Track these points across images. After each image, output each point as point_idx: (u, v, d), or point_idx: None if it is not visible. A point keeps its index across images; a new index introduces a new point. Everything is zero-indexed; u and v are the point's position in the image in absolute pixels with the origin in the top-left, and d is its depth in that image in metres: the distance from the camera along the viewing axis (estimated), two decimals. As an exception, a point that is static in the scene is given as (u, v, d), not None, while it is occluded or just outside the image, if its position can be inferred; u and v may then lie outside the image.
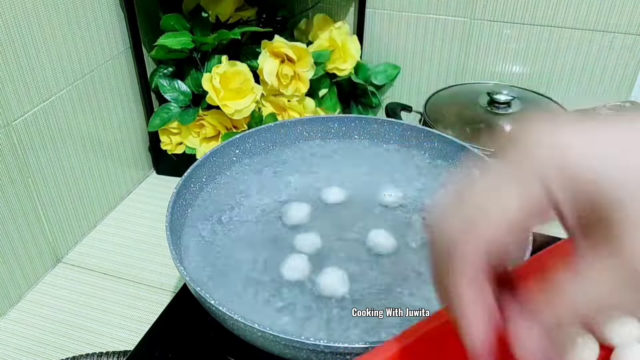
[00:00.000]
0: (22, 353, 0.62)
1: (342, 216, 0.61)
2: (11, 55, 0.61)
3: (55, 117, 0.69)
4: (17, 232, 0.66)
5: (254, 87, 0.78)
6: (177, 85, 0.81)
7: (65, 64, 0.69)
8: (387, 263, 0.56)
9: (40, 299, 0.68)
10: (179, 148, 0.84)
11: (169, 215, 0.55)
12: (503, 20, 0.85)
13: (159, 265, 0.72)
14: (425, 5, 0.87)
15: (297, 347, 0.44)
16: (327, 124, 0.71)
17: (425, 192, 0.64)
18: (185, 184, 0.60)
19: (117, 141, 0.81)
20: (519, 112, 0.77)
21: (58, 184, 0.71)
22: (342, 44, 0.85)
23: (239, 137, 0.67)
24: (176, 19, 0.78)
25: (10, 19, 0.60)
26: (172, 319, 0.61)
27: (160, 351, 0.57)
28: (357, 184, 0.65)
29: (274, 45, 0.79)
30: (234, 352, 0.55)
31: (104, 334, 0.64)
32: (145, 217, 0.81)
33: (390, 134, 0.70)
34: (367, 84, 0.89)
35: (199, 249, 0.58)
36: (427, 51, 0.90)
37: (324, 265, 0.55)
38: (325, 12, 0.89)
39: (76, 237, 0.76)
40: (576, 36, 0.83)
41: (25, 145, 0.65)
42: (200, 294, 0.47)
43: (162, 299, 0.68)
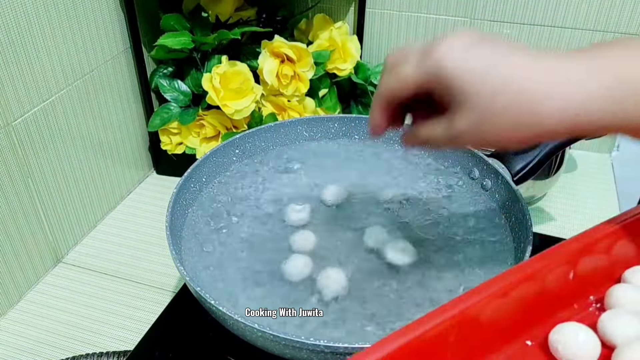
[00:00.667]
0: (22, 353, 0.62)
1: (342, 216, 0.61)
2: (11, 55, 0.61)
3: (55, 117, 0.69)
4: (17, 232, 0.66)
5: (254, 87, 0.78)
6: (177, 85, 0.81)
7: (65, 64, 0.69)
8: (386, 262, 0.56)
9: (41, 299, 0.68)
10: (179, 148, 0.84)
11: (169, 215, 0.55)
12: (503, 20, 0.85)
13: (159, 265, 0.72)
14: (425, 5, 0.87)
15: (297, 347, 0.44)
16: (327, 124, 0.71)
17: (425, 192, 0.64)
18: (185, 184, 0.60)
19: (117, 141, 0.81)
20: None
21: (58, 184, 0.71)
22: (342, 44, 0.85)
23: (239, 137, 0.67)
24: (176, 19, 0.78)
25: (10, 19, 0.60)
26: (172, 319, 0.61)
27: (160, 351, 0.57)
28: (356, 185, 0.65)
29: (274, 45, 0.79)
30: (234, 352, 0.55)
31: (104, 334, 0.64)
32: (145, 217, 0.81)
33: (390, 134, 0.70)
34: (367, 84, 0.89)
35: (199, 249, 0.58)
36: (427, 51, 0.90)
37: (324, 265, 0.55)
38: (325, 12, 0.89)
39: (76, 237, 0.76)
40: (576, 36, 0.83)
41: (25, 145, 0.65)
42: (200, 294, 0.47)
43: (162, 299, 0.68)
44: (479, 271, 0.55)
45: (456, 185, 0.65)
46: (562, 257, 0.39)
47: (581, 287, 0.40)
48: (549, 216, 0.79)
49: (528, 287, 0.38)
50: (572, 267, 0.40)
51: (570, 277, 0.40)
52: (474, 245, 0.57)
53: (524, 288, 0.38)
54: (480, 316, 0.36)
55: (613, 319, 0.38)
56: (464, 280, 0.54)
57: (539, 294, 0.38)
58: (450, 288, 0.53)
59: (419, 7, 0.87)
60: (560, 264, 0.39)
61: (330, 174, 0.67)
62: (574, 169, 0.88)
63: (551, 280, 0.39)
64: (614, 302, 0.40)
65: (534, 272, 0.38)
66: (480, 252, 0.57)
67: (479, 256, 0.56)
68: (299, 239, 0.58)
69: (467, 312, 0.35)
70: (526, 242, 0.52)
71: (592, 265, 0.40)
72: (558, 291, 0.39)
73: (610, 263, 0.41)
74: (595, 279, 0.41)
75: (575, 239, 0.40)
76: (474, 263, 0.56)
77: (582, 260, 0.40)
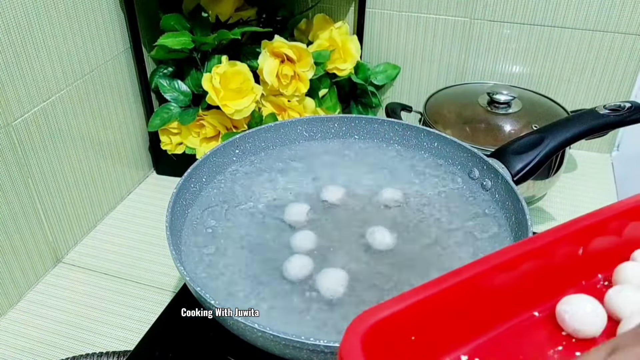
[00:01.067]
0: (22, 353, 0.62)
1: (342, 216, 0.61)
2: (11, 55, 0.61)
3: (55, 117, 0.69)
4: (17, 232, 0.66)
5: (254, 87, 0.78)
6: (177, 85, 0.81)
7: (65, 64, 0.69)
8: (386, 262, 0.56)
9: (40, 299, 0.68)
10: (179, 148, 0.84)
11: (169, 215, 0.55)
12: (503, 20, 0.85)
13: (159, 265, 0.72)
14: (425, 5, 0.87)
15: (297, 347, 0.44)
16: (327, 124, 0.71)
17: (425, 191, 0.64)
18: (185, 184, 0.60)
19: (117, 141, 0.81)
20: (519, 112, 0.77)
21: (58, 184, 0.71)
22: (342, 44, 0.85)
23: (239, 137, 0.67)
24: (176, 19, 0.78)
25: (10, 19, 0.60)
26: (172, 319, 0.61)
27: (160, 351, 0.57)
28: (357, 184, 0.65)
29: (274, 45, 0.79)
30: (234, 352, 0.55)
31: (104, 334, 0.64)
32: (145, 217, 0.81)
33: (390, 134, 0.70)
34: (367, 84, 0.89)
35: (199, 249, 0.58)
36: (427, 51, 0.90)
37: (324, 264, 0.55)
38: (325, 12, 0.89)
39: (76, 237, 0.76)
40: (576, 36, 0.83)
41: (25, 145, 0.65)
42: (200, 294, 0.47)
43: (162, 299, 0.68)
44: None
45: (456, 185, 0.65)
46: (572, 233, 0.39)
47: (590, 265, 0.41)
48: (549, 216, 0.79)
49: (537, 260, 0.38)
50: (582, 244, 0.40)
51: (579, 254, 0.40)
52: (474, 246, 0.57)
53: (534, 261, 0.38)
54: (489, 284, 0.36)
55: (621, 292, 0.38)
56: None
57: (548, 268, 0.39)
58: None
59: (419, 7, 0.87)
60: (571, 240, 0.39)
61: (330, 174, 0.67)
62: (574, 169, 0.88)
63: (560, 255, 0.39)
64: (622, 279, 0.40)
65: (544, 245, 0.38)
66: (480, 252, 0.57)
67: (479, 256, 0.56)
68: (299, 239, 0.58)
69: (477, 279, 0.35)
70: (526, 242, 0.52)
71: (602, 244, 0.41)
72: (567, 267, 0.40)
73: (621, 243, 0.42)
74: (604, 258, 0.41)
75: (587, 216, 0.40)
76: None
77: (593, 238, 0.40)
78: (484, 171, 0.63)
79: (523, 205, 0.56)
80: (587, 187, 0.85)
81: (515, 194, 0.58)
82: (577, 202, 0.82)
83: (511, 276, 0.37)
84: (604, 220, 0.40)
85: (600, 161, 0.91)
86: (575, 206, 0.81)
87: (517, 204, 0.57)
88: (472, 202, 0.63)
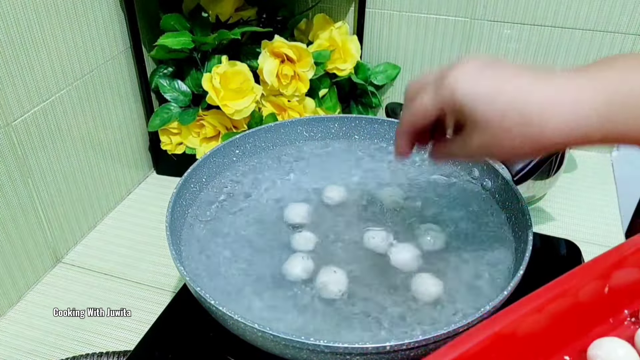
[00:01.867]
0: (22, 353, 0.62)
1: (342, 216, 0.61)
2: (11, 55, 0.61)
3: (55, 117, 0.69)
4: (16, 232, 0.66)
5: (254, 87, 0.78)
6: (177, 85, 0.81)
7: (65, 64, 0.69)
8: (386, 262, 0.56)
9: (40, 299, 0.68)
10: (179, 148, 0.84)
11: (169, 215, 0.55)
12: (503, 20, 0.85)
13: (159, 265, 0.72)
14: (425, 5, 0.87)
15: (297, 347, 0.44)
16: (327, 124, 0.71)
17: (424, 191, 0.64)
18: (185, 184, 0.60)
19: (117, 141, 0.81)
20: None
21: (58, 184, 0.71)
22: (342, 44, 0.85)
23: (239, 137, 0.67)
24: (176, 19, 0.78)
25: (10, 19, 0.60)
26: (172, 319, 0.61)
27: (160, 351, 0.57)
28: (357, 184, 0.65)
29: (274, 45, 0.79)
30: (234, 352, 0.55)
31: (104, 334, 0.64)
32: (145, 217, 0.81)
33: (390, 134, 0.70)
34: (367, 84, 0.89)
35: (199, 249, 0.58)
36: (427, 51, 0.90)
37: (324, 265, 0.55)
38: (325, 12, 0.89)
39: (76, 237, 0.76)
40: (576, 36, 0.83)
41: (25, 145, 0.65)
42: (200, 294, 0.47)
43: (162, 299, 0.68)
44: (479, 271, 0.55)
45: (456, 185, 0.65)
46: (597, 272, 0.40)
47: (616, 301, 0.41)
48: (549, 216, 0.79)
49: (564, 303, 0.38)
50: (607, 281, 0.40)
51: (605, 292, 0.40)
52: (473, 245, 0.57)
53: (560, 304, 0.38)
54: (518, 333, 0.37)
55: None
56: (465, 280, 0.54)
57: (574, 309, 0.39)
58: (451, 288, 0.53)
59: (419, 7, 0.87)
60: (595, 279, 0.40)
61: (330, 173, 0.67)
62: (574, 169, 0.88)
63: (586, 295, 0.40)
64: None
65: (570, 287, 0.39)
66: (480, 252, 0.57)
67: (479, 256, 0.56)
68: (299, 239, 0.58)
69: (505, 329, 0.36)
70: (526, 242, 0.52)
71: (625, 278, 0.41)
72: (594, 306, 0.40)
73: None
74: (629, 293, 0.42)
75: (608, 254, 0.41)
76: (474, 263, 0.56)
77: (616, 274, 0.40)
78: (484, 171, 0.63)
79: (523, 205, 0.56)
80: (587, 187, 0.85)
81: (515, 194, 0.58)
82: (577, 202, 0.82)
83: (538, 321, 0.38)
84: (626, 256, 0.41)
85: (600, 161, 0.91)
86: (575, 206, 0.81)
87: (517, 204, 0.57)
88: (472, 202, 0.62)
